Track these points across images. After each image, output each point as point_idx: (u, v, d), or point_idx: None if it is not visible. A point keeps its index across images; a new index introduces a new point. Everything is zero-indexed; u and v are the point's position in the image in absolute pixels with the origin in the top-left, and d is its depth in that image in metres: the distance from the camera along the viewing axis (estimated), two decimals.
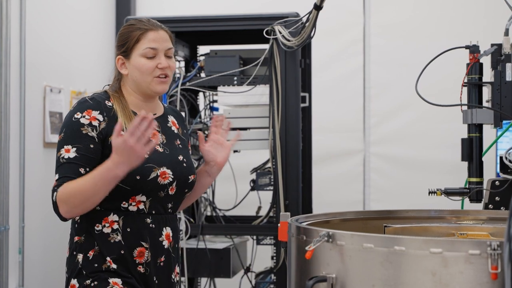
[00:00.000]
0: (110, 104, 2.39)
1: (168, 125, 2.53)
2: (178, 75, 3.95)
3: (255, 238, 3.96)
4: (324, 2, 3.36)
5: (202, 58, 4.05)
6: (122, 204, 2.35)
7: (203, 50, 4.28)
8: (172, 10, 5.23)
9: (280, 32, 3.68)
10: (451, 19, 5.04)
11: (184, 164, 2.46)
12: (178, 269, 2.52)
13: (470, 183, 2.57)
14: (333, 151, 5.14)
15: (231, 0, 5.27)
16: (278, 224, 2.07)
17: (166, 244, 2.43)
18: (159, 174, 2.37)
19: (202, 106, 4.23)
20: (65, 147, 2.30)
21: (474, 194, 2.55)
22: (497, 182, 2.58)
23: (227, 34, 4.16)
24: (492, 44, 2.54)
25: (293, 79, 3.76)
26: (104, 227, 2.35)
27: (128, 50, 2.42)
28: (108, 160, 2.22)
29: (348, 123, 5.16)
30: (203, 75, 4.00)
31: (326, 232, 1.78)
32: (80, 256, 2.35)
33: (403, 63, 5.00)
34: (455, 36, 4.45)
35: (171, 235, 2.45)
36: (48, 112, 4.37)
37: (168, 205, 2.44)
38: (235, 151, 4.05)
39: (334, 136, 5.15)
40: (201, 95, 4.26)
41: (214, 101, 4.07)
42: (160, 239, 2.41)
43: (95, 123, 2.33)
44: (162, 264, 2.42)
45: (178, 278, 2.53)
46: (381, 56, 5.13)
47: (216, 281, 4.29)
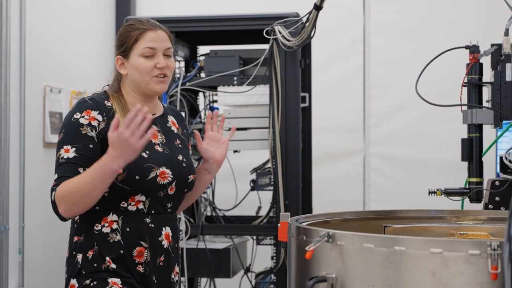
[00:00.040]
0: (110, 104, 2.39)
1: (167, 125, 2.53)
2: (178, 75, 3.95)
3: (255, 238, 3.96)
4: (324, 2, 3.36)
5: (202, 58, 4.05)
6: (122, 204, 2.35)
7: (203, 50, 4.28)
8: (172, 10, 5.23)
9: (280, 32, 3.68)
10: (451, 19, 5.05)
11: (183, 164, 2.46)
12: (177, 269, 2.52)
13: (470, 183, 2.57)
14: (333, 151, 5.14)
15: (231, 0, 5.27)
16: (278, 224, 2.07)
17: (165, 244, 2.43)
18: (158, 174, 2.37)
19: (202, 106, 4.23)
20: (64, 147, 2.31)
21: (474, 194, 2.55)
22: (497, 182, 2.58)
23: (227, 34, 4.16)
24: (492, 44, 2.54)
25: (293, 79, 3.76)
26: (103, 227, 2.35)
27: (126, 50, 2.43)
28: (105, 155, 2.23)
29: (348, 123, 5.16)
30: (203, 75, 4.00)
31: (326, 232, 1.78)
32: (79, 256, 2.35)
33: (403, 63, 5.00)
34: (455, 36, 4.45)
35: (171, 234, 2.45)
36: (48, 112, 4.37)
37: (168, 204, 2.44)
38: (235, 151, 4.05)
39: (334, 136, 5.15)
40: (201, 95, 4.26)
41: (214, 101, 4.07)
42: (159, 238, 2.41)
43: (94, 123, 2.33)
44: (162, 263, 2.42)
45: (178, 278, 2.53)
46: (381, 56, 5.13)
47: (216, 281, 4.29)
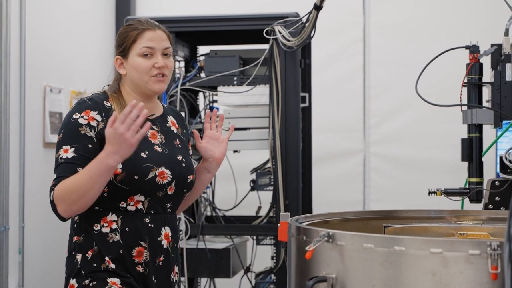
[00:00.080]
0: (109, 104, 2.39)
1: (167, 125, 2.53)
2: (178, 75, 3.95)
3: (255, 238, 3.96)
4: (324, 2, 3.36)
5: (202, 58, 4.05)
6: (121, 204, 2.35)
7: (203, 50, 4.28)
8: (172, 10, 5.23)
9: (280, 32, 3.68)
10: (451, 19, 5.05)
11: (183, 164, 2.46)
12: (177, 269, 2.51)
13: (470, 183, 2.57)
14: (333, 151, 5.14)
15: (231, 0, 5.27)
16: (278, 224, 2.07)
17: (165, 244, 2.43)
18: (157, 174, 2.37)
19: (202, 106, 4.23)
20: (63, 147, 2.31)
21: (474, 194, 2.55)
22: (497, 182, 2.58)
23: (227, 34, 4.16)
24: (492, 44, 2.54)
25: (293, 79, 3.76)
26: (102, 227, 2.35)
27: (125, 50, 2.43)
28: (102, 152, 2.23)
29: (348, 123, 5.16)
30: (203, 75, 4.00)
31: (326, 232, 1.78)
32: (79, 256, 2.35)
33: (403, 63, 5.00)
34: (455, 36, 4.46)
35: (170, 234, 2.45)
36: (48, 112, 4.37)
37: (167, 205, 2.44)
38: (235, 151, 4.05)
39: (334, 136, 5.15)
40: (201, 95, 4.26)
41: (214, 101, 4.07)
42: (159, 238, 2.41)
43: (93, 123, 2.33)
44: (161, 263, 2.42)
45: (177, 278, 2.53)
46: (381, 56, 5.13)
47: (216, 281, 4.29)
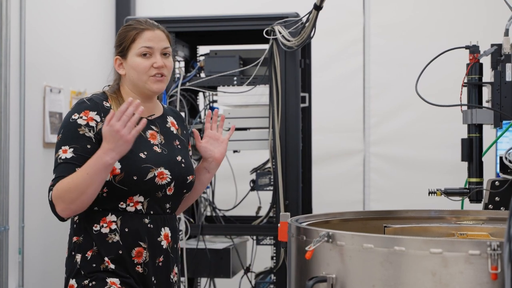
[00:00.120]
0: (108, 104, 2.40)
1: (167, 125, 2.53)
2: (178, 75, 3.96)
3: (255, 238, 3.96)
4: (324, 2, 3.36)
5: (202, 58, 4.05)
6: (120, 204, 2.35)
7: (203, 50, 4.28)
8: (172, 10, 5.23)
9: (280, 32, 3.68)
10: (451, 19, 5.04)
11: (182, 165, 2.46)
12: (176, 269, 2.51)
13: (470, 183, 2.57)
14: (333, 151, 5.14)
15: (231, 0, 5.27)
16: (278, 224, 2.07)
17: (164, 244, 2.43)
18: (156, 175, 2.36)
19: (202, 106, 4.23)
20: (62, 147, 2.31)
21: (474, 194, 2.55)
22: (497, 182, 2.58)
23: (227, 34, 4.16)
24: (492, 44, 2.54)
25: (293, 79, 3.76)
26: (102, 227, 2.35)
27: (124, 50, 2.43)
28: (99, 150, 2.24)
29: (348, 123, 5.16)
30: (203, 75, 4.00)
31: (326, 232, 1.78)
32: (78, 256, 2.35)
33: (403, 63, 5.00)
34: (455, 36, 4.45)
35: (170, 235, 2.45)
36: (48, 112, 4.37)
37: (166, 205, 2.44)
38: (235, 151, 4.05)
39: (334, 136, 5.15)
40: (201, 95, 4.26)
41: (214, 101, 4.07)
42: (158, 239, 2.41)
43: (92, 123, 2.34)
44: (161, 264, 2.42)
45: (177, 278, 2.53)
46: (381, 56, 5.13)
47: (216, 281, 4.29)
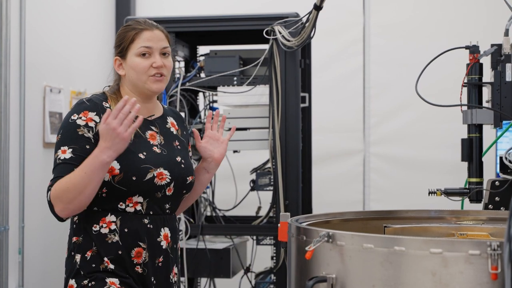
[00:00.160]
0: (108, 105, 2.40)
1: (167, 126, 2.53)
2: (178, 75, 3.96)
3: (255, 238, 3.96)
4: (324, 2, 3.36)
5: (202, 58, 4.05)
6: (119, 205, 2.35)
7: (203, 50, 4.28)
8: (172, 10, 5.23)
9: (280, 32, 3.68)
10: (451, 19, 5.05)
11: (182, 165, 2.46)
12: (176, 269, 2.51)
13: (470, 183, 2.57)
14: (333, 151, 5.14)
15: (231, 0, 5.27)
16: (278, 224, 2.07)
17: (164, 244, 2.42)
18: (155, 175, 2.36)
19: (202, 106, 4.23)
20: (61, 148, 2.31)
21: (474, 194, 2.55)
22: (497, 183, 2.58)
23: (227, 34, 4.16)
24: (492, 45, 2.54)
25: (293, 79, 3.76)
26: (101, 227, 2.35)
27: (124, 50, 2.44)
28: (96, 148, 2.25)
29: (348, 123, 5.16)
30: (203, 75, 4.00)
31: (326, 233, 1.78)
32: (78, 257, 2.35)
33: (403, 63, 5.00)
34: (455, 36, 4.46)
35: (170, 235, 2.45)
36: (48, 112, 4.37)
37: (166, 205, 2.44)
38: (235, 151, 4.05)
39: (334, 136, 5.15)
40: (201, 95, 4.26)
41: (214, 101, 4.07)
42: (158, 239, 2.41)
43: (91, 124, 2.34)
44: (160, 264, 2.42)
45: (177, 279, 2.53)
46: (381, 56, 5.13)
47: (216, 281, 4.29)
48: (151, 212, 2.39)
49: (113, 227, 2.35)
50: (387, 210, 2.44)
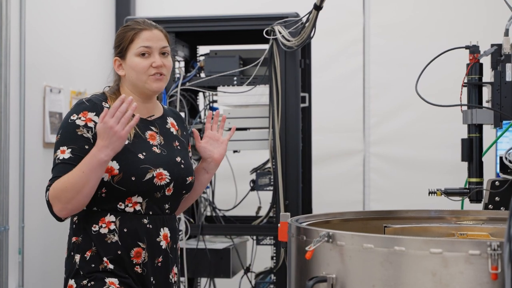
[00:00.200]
0: (107, 105, 2.40)
1: (167, 126, 2.53)
2: (178, 75, 3.96)
3: (255, 238, 3.96)
4: (324, 2, 3.36)
5: (202, 58, 4.05)
6: (119, 205, 2.35)
7: (203, 50, 4.28)
8: (172, 10, 5.23)
9: (280, 32, 3.68)
10: (451, 19, 5.05)
11: (181, 166, 2.46)
12: (176, 269, 2.51)
13: (470, 183, 2.57)
14: (333, 151, 5.14)
15: (231, 0, 5.27)
16: (278, 224, 2.07)
17: (163, 244, 2.42)
18: (155, 175, 2.36)
19: (202, 106, 4.23)
20: (60, 148, 2.32)
21: (474, 194, 2.55)
22: (497, 183, 2.58)
23: (227, 34, 4.16)
24: (492, 45, 2.54)
25: (293, 79, 3.76)
26: (101, 227, 2.35)
27: (123, 50, 2.44)
28: (93, 147, 2.25)
29: (348, 123, 5.16)
30: (203, 75, 4.00)
31: (326, 233, 1.78)
32: (77, 257, 2.36)
33: (403, 63, 5.00)
34: (455, 36, 4.45)
35: (169, 235, 2.45)
36: (48, 112, 4.37)
37: (165, 205, 2.44)
38: (235, 151, 4.05)
39: (334, 136, 5.15)
40: (201, 95, 4.26)
41: (214, 101, 4.07)
42: (157, 239, 2.41)
43: (90, 124, 2.34)
44: (160, 264, 2.42)
45: (176, 279, 2.53)
46: (381, 56, 5.13)
47: (216, 281, 4.29)
48: (151, 212, 2.39)
49: (112, 227, 2.35)
50: (387, 210, 2.44)
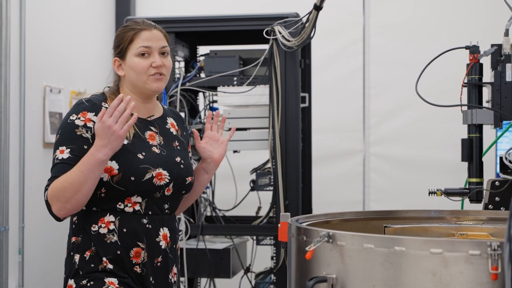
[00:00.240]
0: (107, 106, 2.40)
1: (166, 126, 2.53)
2: (178, 75, 3.96)
3: (255, 238, 3.96)
4: (324, 2, 3.36)
5: (202, 58, 4.05)
6: (118, 205, 2.36)
7: (203, 50, 4.28)
8: (172, 10, 5.23)
9: (280, 33, 3.68)
10: (451, 19, 5.04)
11: (181, 166, 2.46)
12: (175, 269, 2.51)
13: (470, 183, 2.57)
14: (333, 151, 5.14)
15: (231, 0, 5.27)
16: (278, 225, 2.07)
17: (163, 244, 2.42)
18: (154, 175, 2.36)
19: (202, 107, 4.23)
20: (59, 148, 2.32)
21: (474, 194, 2.55)
22: (497, 183, 2.58)
23: (227, 34, 4.16)
24: (492, 45, 2.54)
25: (293, 79, 3.76)
26: (100, 227, 2.35)
27: (123, 51, 2.44)
28: (92, 147, 2.26)
29: (348, 123, 5.16)
30: (203, 75, 4.00)
31: (326, 233, 1.78)
32: (77, 257, 2.36)
33: (403, 63, 5.00)
34: (455, 36, 4.46)
35: (169, 235, 2.45)
36: (48, 112, 4.37)
37: (165, 206, 2.44)
38: (235, 151, 4.05)
39: (334, 136, 5.14)
40: (201, 96, 4.26)
41: (214, 101, 4.07)
42: (157, 239, 2.41)
43: (90, 124, 2.34)
44: (159, 264, 2.42)
45: (176, 279, 2.53)
46: (381, 56, 5.13)
47: (216, 281, 4.29)
48: (150, 212, 2.39)
49: (112, 227, 2.35)
50: (387, 210, 2.44)
